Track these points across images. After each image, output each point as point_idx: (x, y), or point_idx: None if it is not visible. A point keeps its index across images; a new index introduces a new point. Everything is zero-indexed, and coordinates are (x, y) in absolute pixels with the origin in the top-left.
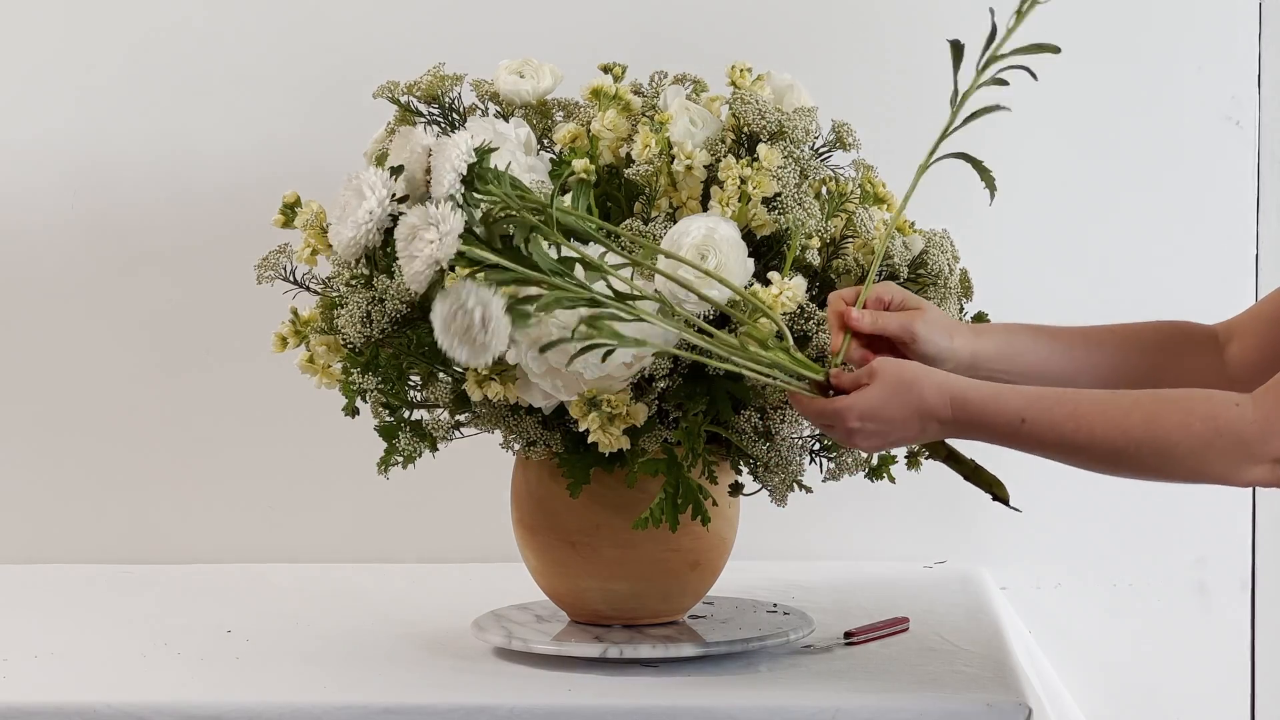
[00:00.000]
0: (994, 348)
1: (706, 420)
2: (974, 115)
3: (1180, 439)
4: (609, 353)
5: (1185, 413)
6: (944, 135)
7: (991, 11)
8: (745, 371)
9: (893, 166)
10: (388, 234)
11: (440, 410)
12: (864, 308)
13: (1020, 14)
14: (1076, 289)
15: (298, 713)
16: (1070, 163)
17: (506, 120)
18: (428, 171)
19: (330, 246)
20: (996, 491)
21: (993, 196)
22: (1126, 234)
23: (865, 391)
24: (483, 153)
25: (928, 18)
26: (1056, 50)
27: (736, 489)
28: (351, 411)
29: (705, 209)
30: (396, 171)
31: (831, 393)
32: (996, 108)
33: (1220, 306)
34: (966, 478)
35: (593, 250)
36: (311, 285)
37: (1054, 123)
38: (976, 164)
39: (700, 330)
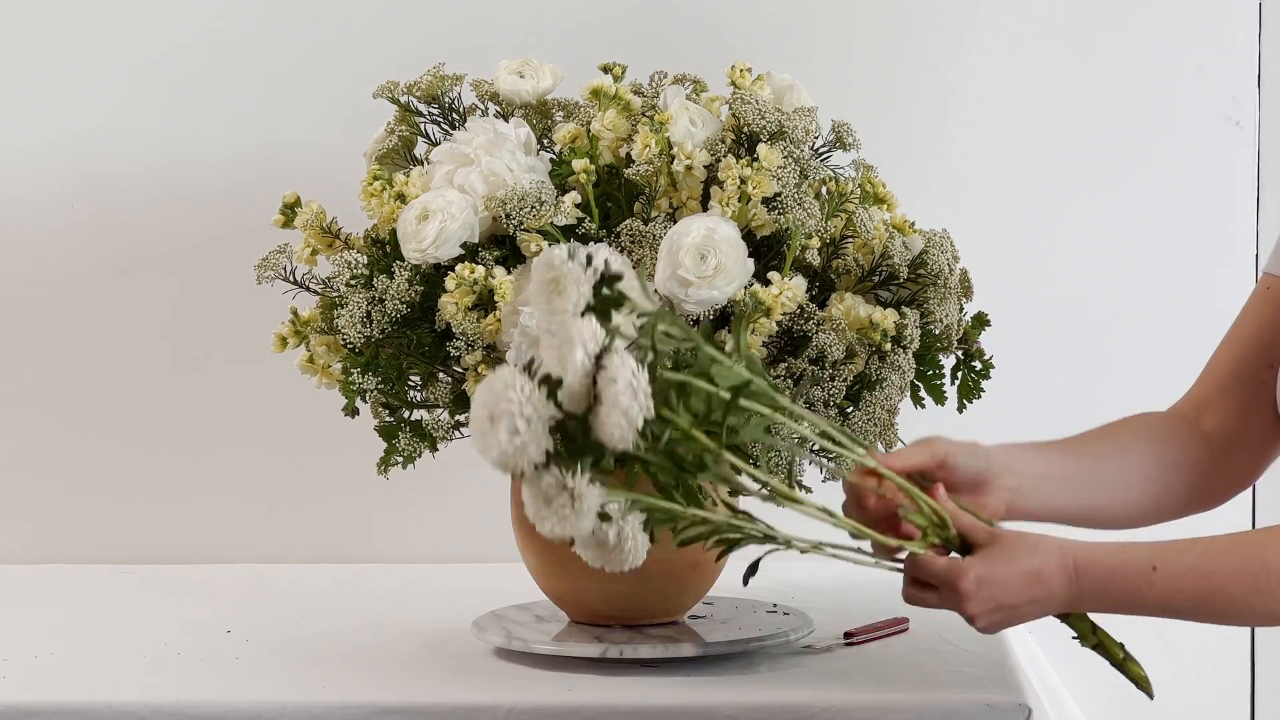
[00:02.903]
0: (1020, 455)
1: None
2: None
3: None
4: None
5: None
6: None
7: None
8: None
9: (893, 167)
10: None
11: (440, 410)
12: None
13: None
14: (1076, 289)
15: (298, 713)
16: (1070, 163)
17: (506, 120)
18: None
19: (330, 246)
20: (1142, 686)
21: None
22: (1126, 234)
23: (985, 548)
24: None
25: (928, 18)
26: None
27: (737, 489)
28: (351, 411)
29: (705, 209)
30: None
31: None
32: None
33: (1220, 306)
34: (1115, 666)
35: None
36: (311, 285)
37: (1054, 122)
38: None
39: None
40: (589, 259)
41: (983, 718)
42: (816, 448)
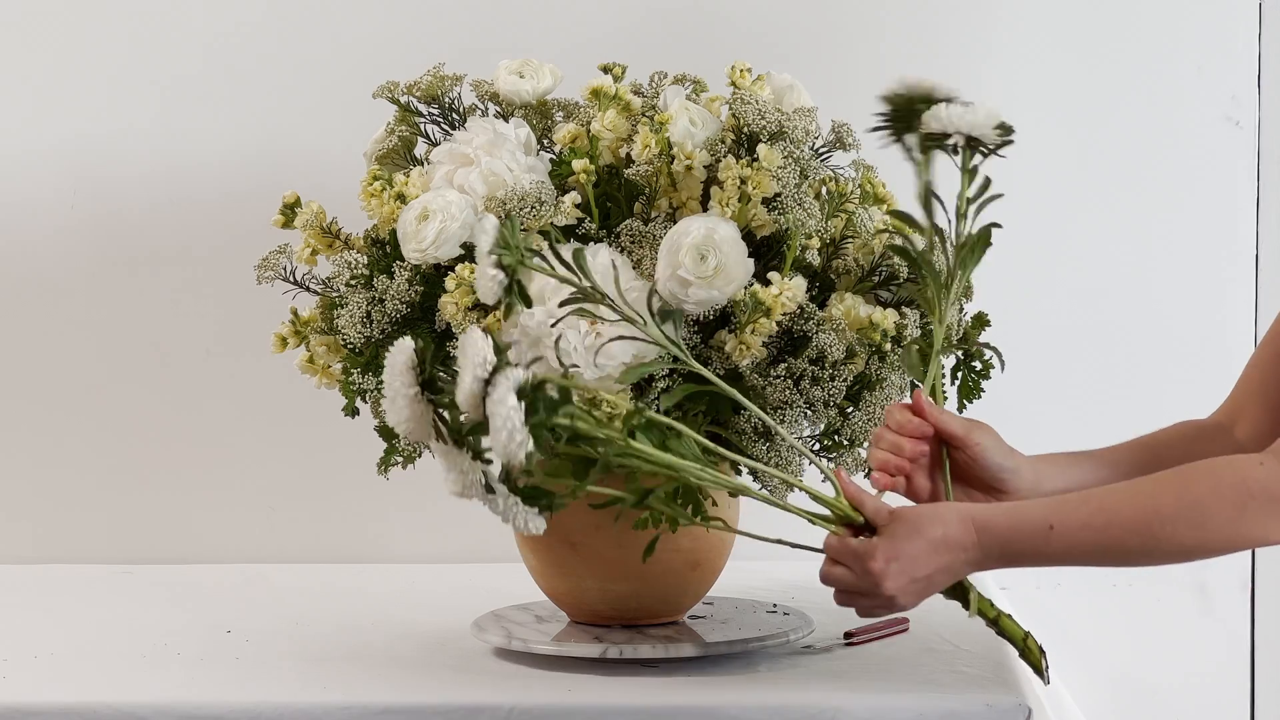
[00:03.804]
0: (1054, 470)
1: (706, 420)
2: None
3: (1215, 508)
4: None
5: (1214, 481)
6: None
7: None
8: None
9: (893, 167)
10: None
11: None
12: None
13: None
14: (1076, 289)
15: (298, 713)
16: (1070, 163)
17: (506, 120)
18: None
19: (330, 246)
20: (1036, 670)
21: None
22: (1126, 234)
23: (887, 529)
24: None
25: (928, 18)
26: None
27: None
28: (351, 411)
29: (705, 209)
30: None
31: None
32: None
33: (1220, 307)
34: (1015, 646)
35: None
36: (311, 285)
37: (1054, 122)
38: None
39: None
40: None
41: (983, 718)
42: (817, 448)
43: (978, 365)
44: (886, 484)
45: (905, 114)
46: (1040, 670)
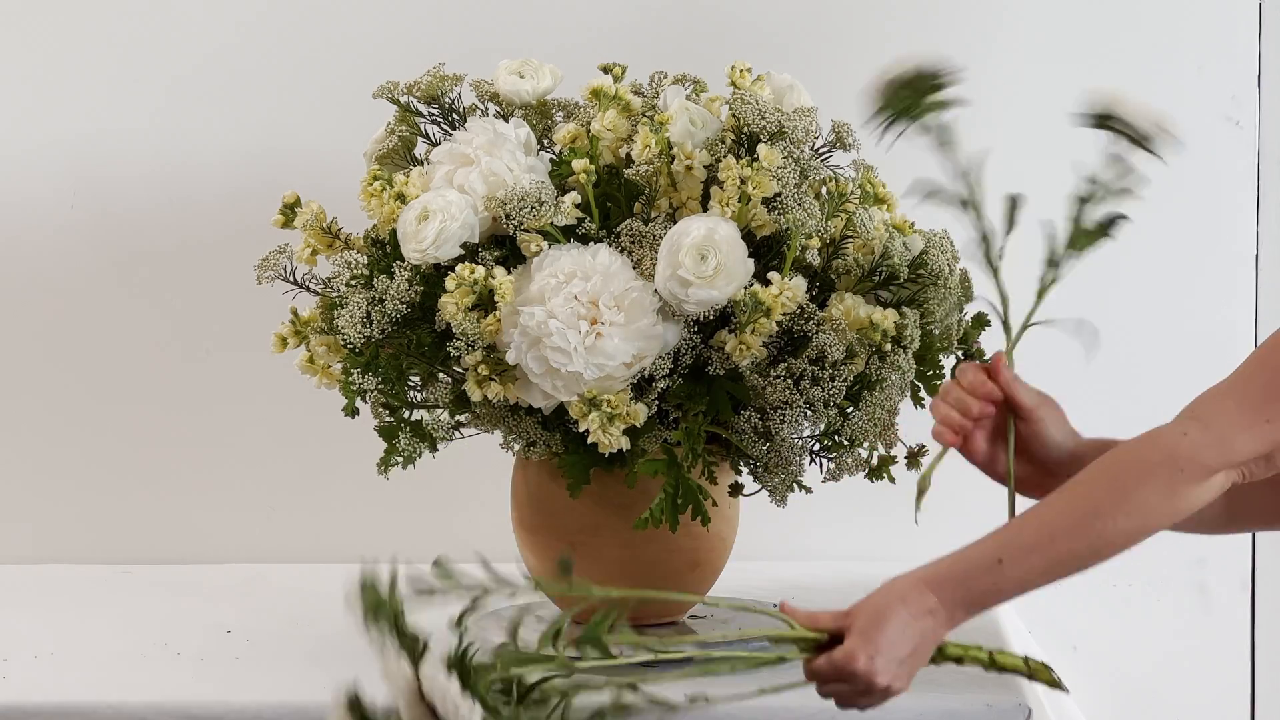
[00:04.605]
0: (1091, 449)
1: (706, 420)
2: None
3: (1148, 492)
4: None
5: (1141, 465)
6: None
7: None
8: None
9: (893, 167)
10: None
11: (440, 410)
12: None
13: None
14: (1076, 289)
15: (298, 713)
16: (1070, 162)
17: (506, 120)
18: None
19: (330, 246)
20: (1055, 685)
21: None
22: (1126, 234)
23: (852, 629)
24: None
25: (928, 18)
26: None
27: (736, 489)
28: (351, 411)
29: (705, 209)
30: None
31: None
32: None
33: (1220, 307)
34: (1028, 677)
35: None
36: (311, 285)
37: (1053, 122)
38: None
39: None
40: None
41: (983, 718)
42: (817, 448)
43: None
44: (949, 439)
45: (913, 94)
46: (1056, 684)
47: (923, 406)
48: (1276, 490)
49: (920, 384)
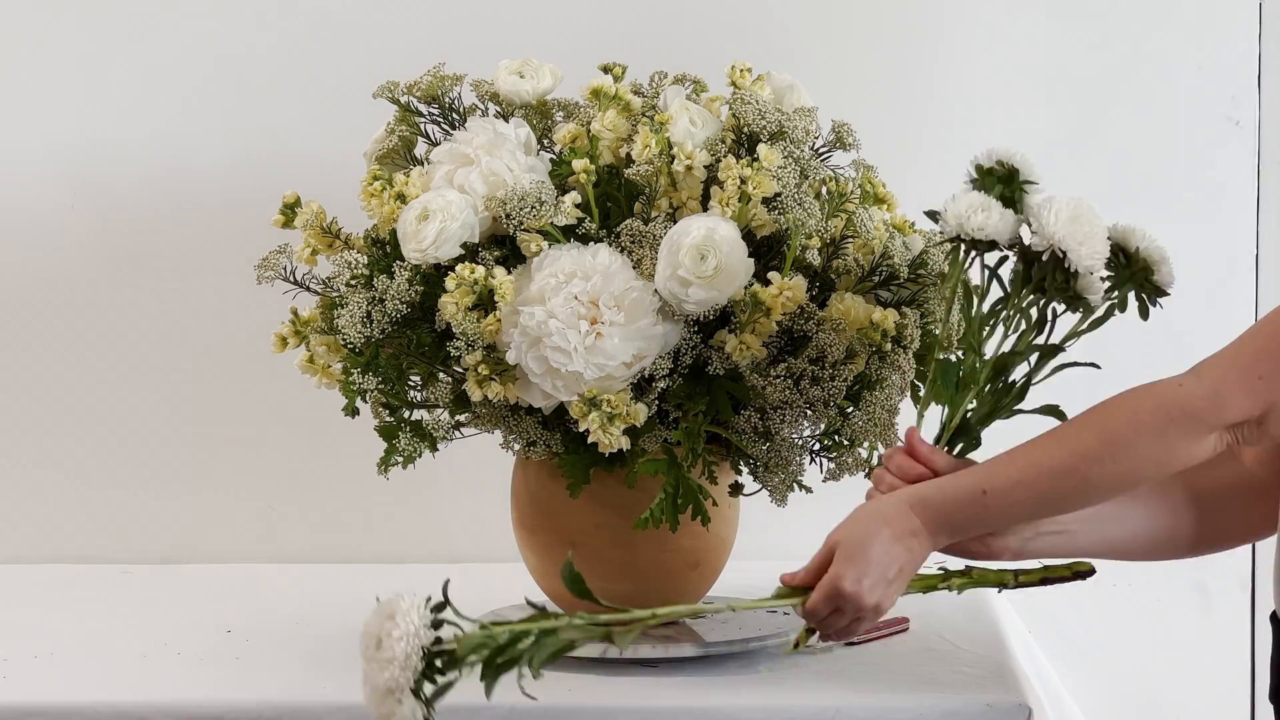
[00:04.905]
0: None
1: (706, 420)
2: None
3: (1137, 437)
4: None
5: (1133, 411)
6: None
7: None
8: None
9: (893, 166)
10: None
11: (440, 410)
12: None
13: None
14: None
15: (297, 713)
16: (1070, 163)
17: (506, 120)
18: None
19: (330, 246)
20: (1076, 569)
21: None
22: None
23: (836, 555)
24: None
25: (928, 18)
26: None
27: (736, 489)
28: (351, 411)
29: (705, 209)
30: None
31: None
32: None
33: (1220, 307)
34: (1045, 583)
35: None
36: (311, 285)
37: (1054, 122)
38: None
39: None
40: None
41: (983, 718)
42: (817, 448)
43: None
44: None
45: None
46: (1078, 574)
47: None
48: (1247, 503)
49: (920, 384)
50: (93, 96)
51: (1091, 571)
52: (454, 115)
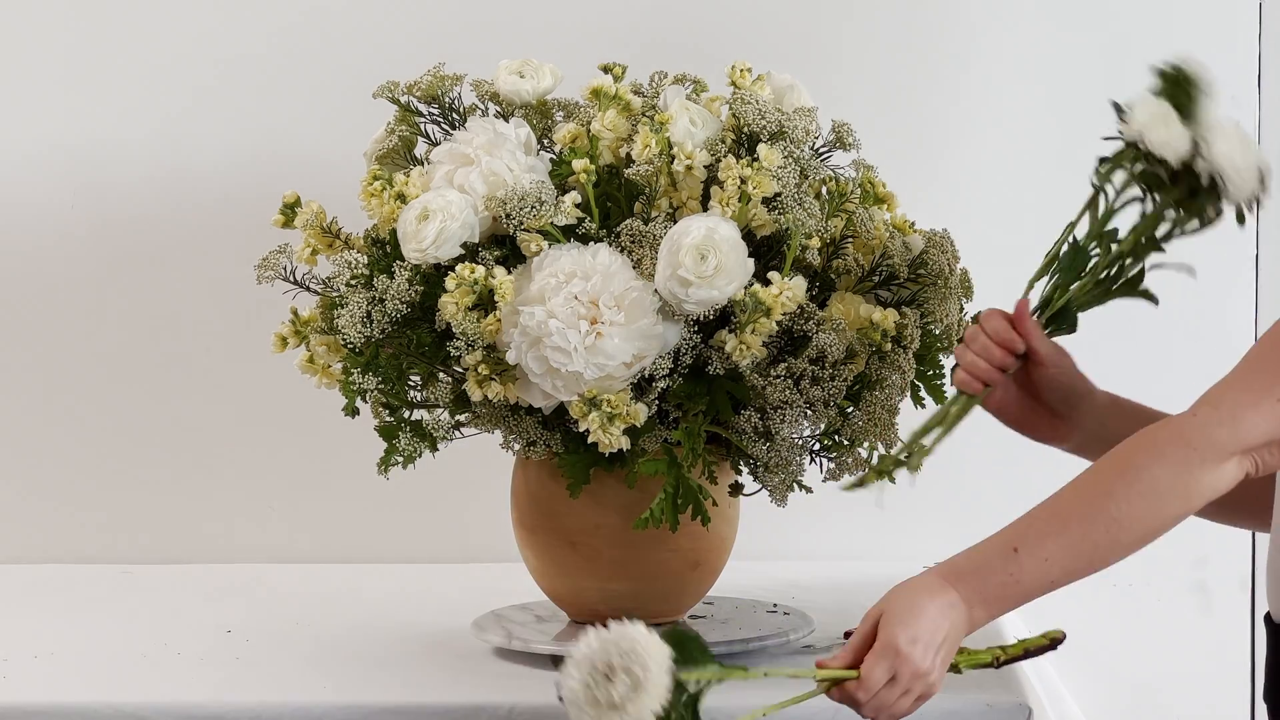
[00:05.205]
0: (1121, 415)
1: (706, 420)
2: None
3: (1160, 471)
4: None
5: (1152, 446)
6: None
7: None
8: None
9: (893, 167)
10: None
11: (440, 410)
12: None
13: None
14: None
15: (298, 713)
16: (1070, 162)
17: (506, 120)
18: None
19: (330, 246)
20: (1051, 642)
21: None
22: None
23: (883, 622)
24: None
25: (928, 18)
26: None
27: (736, 489)
28: (351, 411)
29: (705, 209)
30: None
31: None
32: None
33: (1220, 307)
34: (1026, 655)
35: None
36: (311, 285)
37: (1054, 122)
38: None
39: None
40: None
41: (983, 718)
42: (817, 448)
43: None
44: (975, 388)
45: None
46: (1054, 641)
47: (923, 406)
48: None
49: (920, 384)
50: (93, 97)
51: (1063, 638)
52: (454, 115)
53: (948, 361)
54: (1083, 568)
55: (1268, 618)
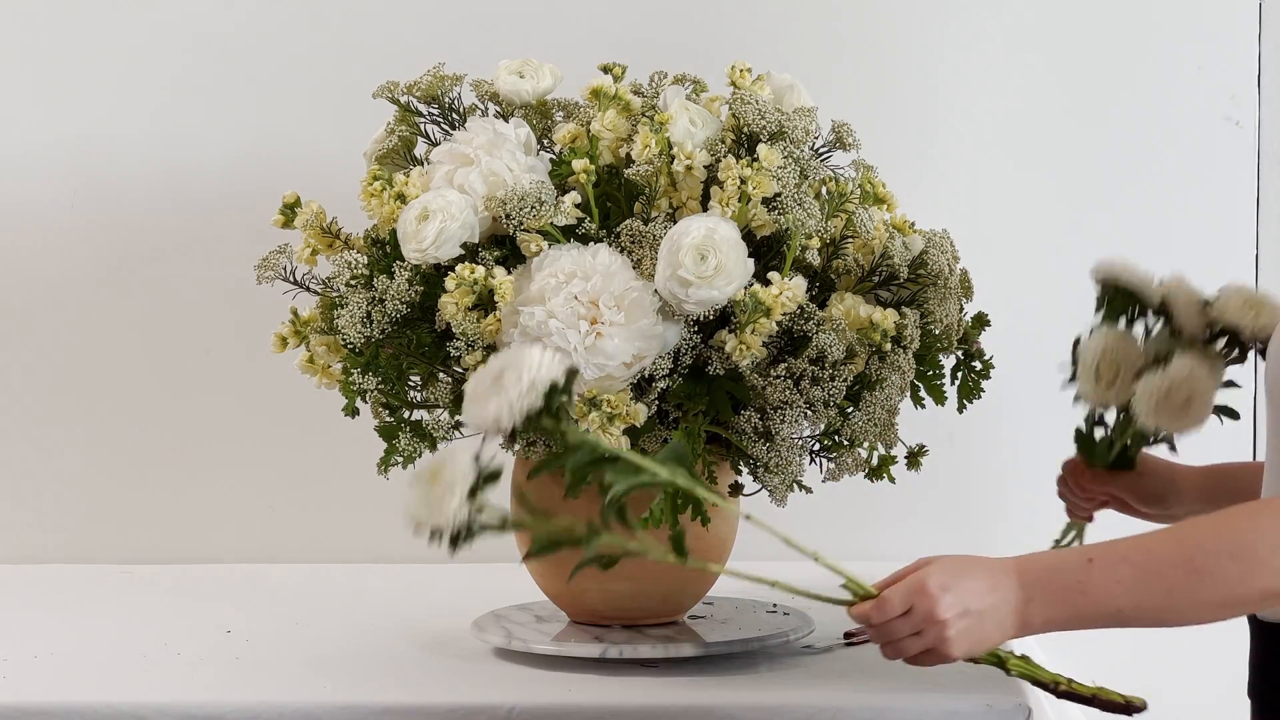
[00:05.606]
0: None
1: (706, 420)
2: None
3: (1256, 536)
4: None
5: (1254, 514)
6: None
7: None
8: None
9: (893, 167)
10: None
11: (440, 410)
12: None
13: None
14: (1076, 289)
15: (297, 713)
16: (1070, 162)
17: (506, 120)
18: None
19: (330, 246)
20: (1129, 707)
21: None
22: (1126, 234)
23: (927, 566)
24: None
25: (927, 18)
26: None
27: (736, 489)
28: (351, 411)
29: (705, 209)
30: None
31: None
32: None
33: None
34: (1093, 702)
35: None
36: (311, 285)
37: (1054, 122)
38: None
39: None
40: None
41: (983, 718)
42: (817, 448)
43: (978, 365)
44: (1082, 517)
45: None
46: (1130, 706)
47: (923, 406)
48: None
49: (920, 384)
50: (93, 95)
51: (1144, 708)
52: (454, 115)
53: (947, 362)
54: (1151, 609)
55: (1252, 615)
